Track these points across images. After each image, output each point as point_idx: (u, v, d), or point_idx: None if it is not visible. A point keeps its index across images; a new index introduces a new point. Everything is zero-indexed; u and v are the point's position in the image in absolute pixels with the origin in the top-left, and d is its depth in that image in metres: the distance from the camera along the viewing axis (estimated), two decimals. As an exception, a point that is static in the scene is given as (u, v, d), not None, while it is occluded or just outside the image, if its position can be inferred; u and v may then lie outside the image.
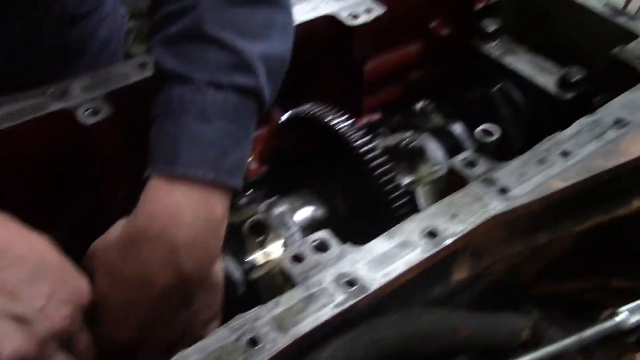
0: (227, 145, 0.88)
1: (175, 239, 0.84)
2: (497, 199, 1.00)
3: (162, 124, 0.88)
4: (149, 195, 0.87)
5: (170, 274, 0.85)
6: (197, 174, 0.85)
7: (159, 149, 0.87)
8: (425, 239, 0.94)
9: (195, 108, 0.87)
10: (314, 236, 0.94)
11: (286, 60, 0.99)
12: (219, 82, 0.88)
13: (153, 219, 0.85)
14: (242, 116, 0.90)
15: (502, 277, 1.13)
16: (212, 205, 0.87)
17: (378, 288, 0.88)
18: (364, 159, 1.11)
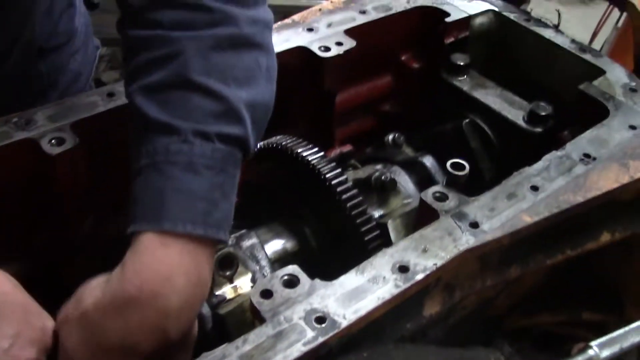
0: (216, 197, 0.83)
1: (167, 305, 0.79)
2: (468, 234, 1.00)
3: (147, 176, 0.83)
4: (139, 254, 0.80)
5: (156, 341, 0.80)
6: (186, 229, 0.80)
7: (145, 203, 0.82)
8: (396, 274, 0.93)
9: (183, 159, 0.82)
10: (283, 271, 0.92)
11: (270, 106, 0.95)
12: (206, 132, 0.83)
13: (144, 282, 0.79)
14: (229, 166, 0.86)
15: (474, 311, 1.12)
16: (201, 265, 0.83)
17: (349, 324, 0.86)
18: (335, 192, 1.10)
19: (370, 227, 1.10)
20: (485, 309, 1.17)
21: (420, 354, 0.98)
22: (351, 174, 1.22)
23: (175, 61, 0.86)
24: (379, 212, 1.19)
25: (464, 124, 1.38)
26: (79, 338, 0.82)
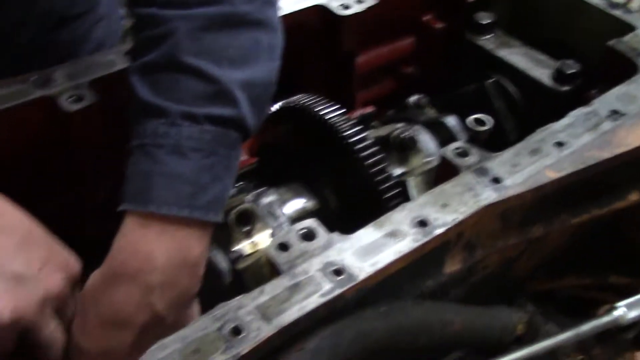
0: (204, 180, 0.83)
1: (149, 280, 0.82)
2: (489, 189, 0.97)
3: (136, 158, 0.84)
4: (123, 234, 0.84)
5: (146, 315, 0.82)
6: (170, 211, 0.81)
7: (132, 185, 0.83)
8: (415, 229, 0.91)
9: (169, 142, 0.82)
10: (300, 224, 0.91)
11: (272, 83, 0.94)
12: (194, 114, 0.83)
13: (126, 260, 0.82)
14: (221, 149, 0.85)
15: (496, 271, 1.10)
16: (188, 246, 0.84)
17: (366, 277, 0.85)
18: (355, 149, 1.09)
19: (390, 185, 1.09)
20: (507, 269, 1.15)
21: (439, 310, 0.97)
22: (372, 133, 1.20)
23: (168, 41, 0.86)
24: (398, 170, 1.17)
25: (488, 83, 1.35)
26: (79, 316, 0.85)
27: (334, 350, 0.83)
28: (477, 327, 1.00)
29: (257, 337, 0.78)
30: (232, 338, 0.78)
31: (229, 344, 0.77)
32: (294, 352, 0.81)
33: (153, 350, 0.76)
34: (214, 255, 1.00)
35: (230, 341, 0.77)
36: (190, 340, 0.77)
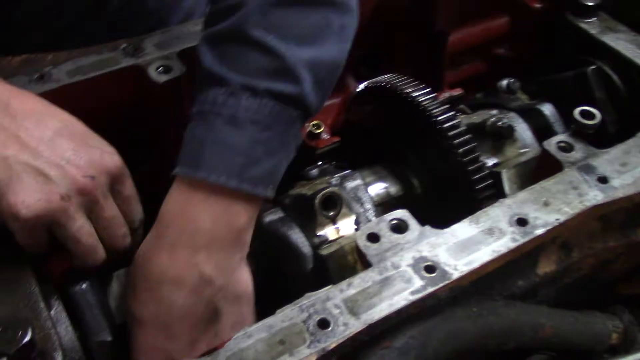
0: (257, 153, 0.83)
1: (193, 241, 0.82)
2: (595, 189, 0.91)
3: (194, 124, 0.85)
4: (171, 197, 0.85)
5: (194, 275, 0.82)
6: (219, 180, 0.81)
7: (187, 150, 0.84)
8: (514, 227, 0.86)
9: (227, 112, 0.83)
10: (391, 215, 0.87)
11: (340, 65, 0.93)
12: (254, 87, 0.83)
13: (172, 222, 0.84)
14: (278, 124, 0.85)
15: (589, 274, 1.03)
16: (233, 213, 0.84)
17: (460, 276, 0.80)
18: (447, 135, 1.03)
19: (483, 176, 1.03)
20: (600, 272, 1.08)
21: (532, 313, 0.91)
22: (464, 119, 1.14)
23: (238, 13, 0.86)
24: (492, 160, 1.10)
25: (589, 71, 1.26)
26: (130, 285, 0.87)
27: (422, 350, 0.79)
28: (569, 333, 0.94)
29: (345, 332, 0.75)
30: (319, 331, 0.75)
31: (315, 337, 0.74)
32: (380, 349, 0.78)
33: (237, 338, 0.75)
34: (297, 238, 0.97)
35: (316, 334, 0.75)
36: (275, 330, 0.75)
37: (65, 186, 0.80)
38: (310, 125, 1.26)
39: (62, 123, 0.84)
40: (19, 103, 0.83)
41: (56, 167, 0.80)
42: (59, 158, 0.81)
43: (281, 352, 0.73)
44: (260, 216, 1.01)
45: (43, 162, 0.79)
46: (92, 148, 0.85)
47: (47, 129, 0.82)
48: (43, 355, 0.77)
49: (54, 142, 0.81)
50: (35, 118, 0.82)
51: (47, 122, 0.83)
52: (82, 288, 0.91)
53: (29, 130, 0.81)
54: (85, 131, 0.86)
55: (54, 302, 0.87)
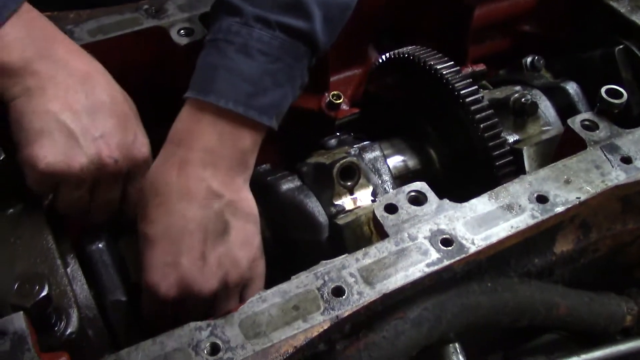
0: (265, 83, 0.87)
1: (200, 157, 0.85)
2: (618, 169, 0.89)
3: (207, 51, 0.89)
4: (181, 118, 0.88)
5: (201, 189, 0.85)
6: (227, 105, 0.85)
7: (199, 75, 0.88)
8: (533, 204, 0.85)
9: (239, 41, 0.87)
10: (410, 187, 0.86)
11: (349, 8, 0.97)
12: (267, 19, 0.87)
13: (181, 140, 0.87)
14: (287, 57, 0.89)
15: (606, 255, 1.02)
16: (239, 136, 0.87)
17: (477, 251, 0.80)
18: (469, 110, 1.02)
19: (504, 152, 1.02)
20: (617, 254, 1.07)
21: (546, 291, 0.91)
22: (486, 94, 1.12)
23: None
24: (514, 137, 1.09)
25: (617, 50, 1.23)
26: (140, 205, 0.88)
27: (436, 322, 0.79)
28: (584, 313, 0.93)
29: (359, 301, 0.75)
30: (333, 299, 0.75)
31: (329, 304, 0.74)
32: (393, 319, 0.78)
33: (252, 302, 0.75)
34: (314, 206, 0.97)
35: (330, 302, 0.75)
36: (290, 295, 0.75)
37: (88, 158, 0.83)
38: (330, 96, 1.25)
39: (109, 98, 0.87)
40: (79, 64, 0.86)
41: (89, 137, 0.83)
42: (95, 129, 0.84)
43: (295, 317, 0.73)
44: (277, 183, 1.00)
45: (79, 127, 0.83)
46: (128, 131, 0.88)
47: (95, 99, 0.85)
48: (58, 310, 0.77)
49: (95, 114, 0.85)
50: (88, 84, 0.86)
51: (97, 91, 0.86)
52: (99, 247, 0.91)
53: (78, 94, 0.84)
54: (127, 113, 0.89)
55: (70, 259, 0.88)
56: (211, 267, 0.85)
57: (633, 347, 0.95)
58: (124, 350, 0.71)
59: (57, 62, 0.84)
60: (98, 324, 0.85)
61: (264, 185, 1.01)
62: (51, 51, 0.85)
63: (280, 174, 1.03)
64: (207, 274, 0.84)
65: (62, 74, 0.84)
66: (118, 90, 0.89)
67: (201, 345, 0.71)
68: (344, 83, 1.31)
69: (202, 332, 0.72)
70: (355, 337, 0.77)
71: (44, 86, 0.82)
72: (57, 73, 0.83)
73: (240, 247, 0.87)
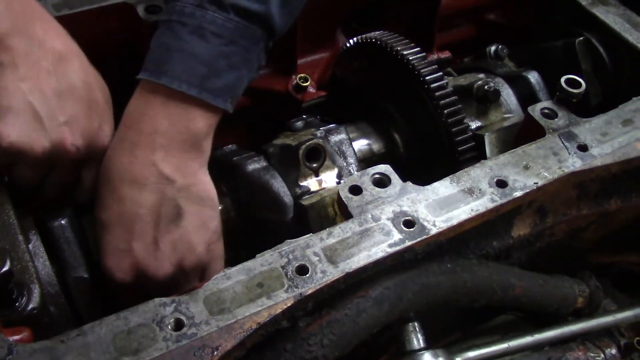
0: (220, 65, 0.86)
1: (151, 141, 0.85)
2: (575, 156, 0.92)
3: (160, 32, 0.87)
4: (133, 101, 0.87)
5: (153, 174, 0.85)
6: (180, 87, 0.84)
7: (152, 56, 0.86)
8: (493, 188, 0.87)
9: (193, 22, 0.85)
10: (375, 169, 0.88)
11: None
12: (221, 1, 0.86)
13: (132, 123, 0.86)
14: (242, 40, 0.87)
15: (561, 240, 1.06)
16: (191, 118, 0.86)
17: (438, 232, 0.82)
18: (434, 95, 1.04)
19: (466, 137, 1.04)
20: (571, 239, 1.11)
21: (503, 272, 0.94)
22: (451, 81, 1.14)
23: None
24: (476, 123, 1.11)
25: (578, 41, 1.27)
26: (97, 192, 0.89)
27: (397, 301, 0.81)
28: (537, 294, 0.97)
29: (322, 279, 0.76)
30: (297, 277, 0.76)
31: (293, 282, 0.76)
32: (356, 297, 0.80)
33: (217, 279, 0.75)
34: (279, 187, 0.98)
35: (294, 280, 0.76)
36: (254, 273, 0.76)
37: (51, 142, 0.83)
38: (297, 78, 1.25)
39: (81, 82, 0.86)
40: (55, 43, 0.85)
41: (54, 121, 0.82)
42: (61, 114, 0.83)
43: (259, 294, 0.74)
44: (243, 164, 1.01)
45: (46, 110, 0.82)
46: (93, 118, 0.87)
47: (66, 82, 0.84)
48: (20, 286, 0.77)
49: (64, 98, 0.84)
50: (62, 66, 0.84)
51: (69, 74, 0.85)
52: (61, 223, 0.91)
53: (50, 76, 0.83)
54: (97, 98, 0.88)
55: (32, 235, 0.87)
56: (164, 251, 0.86)
57: (584, 328, 0.99)
58: (87, 325, 0.71)
59: (33, 39, 0.82)
60: (60, 300, 0.85)
61: (230, 166, 1.01)
62: (28, 27, 0.83)
63: (246, 154, 1.03)
64: (161, 258, 0.85)
65: (36, 52, 0.82)
66: (91, 74, 0.88)
67: (165, 321, 0.71)
68: (312, 66, 1.31)
69: (167, 308, 0.72)
70: (318, 314, 0.79)
71: (17, 63, 0.81)
72: (31, 51, 0.82)
73: (195, 232, 0.87)
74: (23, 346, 0.68)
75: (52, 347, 0.68)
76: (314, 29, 1.26)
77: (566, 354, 0.96)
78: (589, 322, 0.99)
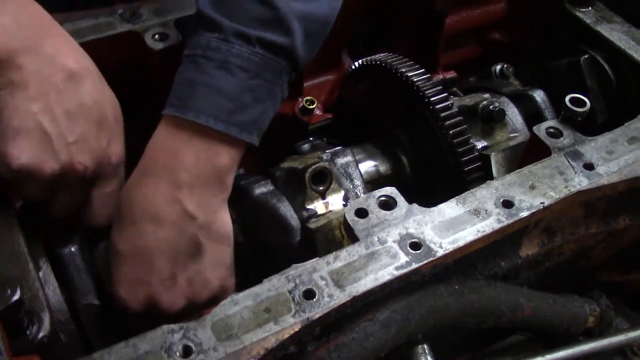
0: (245, 99, 0.86)
1: (176, 177, 0.85)
2: (581, 175, 0.92)
3: (185, 66, 0.87)
4: (157, 135, 0.87)
5: (175, 211, 0.85)
6: (207, 122, 0.83)
7: (177, 91, 0.86)
8: (499, 209, 0.87)
9: (218, 57, 0.85)
10: (380, 192, 0.88)
11: (329, 22, 0.96)
12: (247, 35, 0.86)
13: (156, 158, 0.86)
14: (268, 73, 0.87)
15: (570, 259, 1.06)
16: (216, 154, 0.86)
17: (444, 254, 0.82)
18: (440, 116, 1.04)
19: (472, 158, 1.04)
20: (580, 258, 1.11)
21: (511, 293, 0.93)
22: (456, 101, 1.15)
23: None
24: (482, 143, 1.12)
25: (583, 60, 1.27)
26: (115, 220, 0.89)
27: (404, 324, 0.81)
28: (547, 314, 0.96)
29: (330, 303, 0.76)
30: (304, 301, 0.76)
31: (300, 307, 0.76)
32: (363, 321, 0.80)
33: (225, 304, 0.76)
34: (286, 211, 0.99)
35: (301, 304, 0.76)
36: (262, 298, 0.76)
37: (60, 163, 0.83)
38: (304, 101, 1.26)
39: (91, 101, 0.85)
40: (67, 61, 0.84)
41: (63, 142, 0.83)
42: (70, 134, 0.83)
43: (267, 319, 0.74)
44: (250, 188, 1.02)
45: (55, 131, 0.82)
46: (102, 137, 0.87)
47: (76, 101, 0.84)
48: (30, 314, 0.78)
49: (74, 117, 0.83)
50: (72, 84, 0.84)
51: (80, 92, 0.85)
52: (71, 250, 0.91)
53: (61, 95, 0.83)
54: (107, 117, 0.88)
55: (42, 263, 0.88)
56: (180, 286, 0.86)
57: (595, 347, 0.98)
58: (96, 353, 0.71)
59: (43, 57, 0.82)
60: (70, 328, 0.85)
61: (238, 189, 1.02)
62: (38, 44, 0.82)
63: (253, 178, 1.04)
64: (176, 293, 0.86)
65: (47, 70, 0.82)
66: (102, 92, 0.88)
67: (173, 348, 0.72)
68: (318, 88, 1.33)
69: (175, 335, 0.73)
70: (326, 338, 0.79)
71: (27, 82, 0.81)
72: (41, 69, 0.82)
73: (212, 268, 0.88)
74: (33, 375, 0.68)
75: (62, 375, 0.69)
76: (320, 51, 1.27)
77: (577, 375, 0.95)
78: (600, 341, 0.98)
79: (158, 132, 0.87)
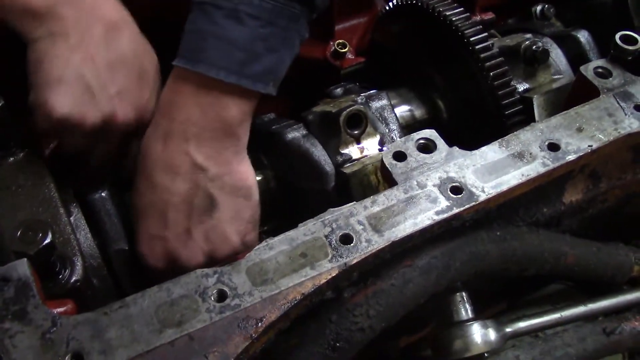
0: (258, 49, 0.82)
1: (184, 130, 0.83)
2: (632, 117, 0.87)
3: (194, 16, 0.83)
4: (167, 88, 0.85)
5: (186, 163, 0.83)
6: (219, 75, 0.80)
7: (187, 42, 0.83)
8: (545, 152, 0.83)
9: (228, 5, 0.81)
10: (419, 134, 0.84)
11: None
12: None
13: (165, 112, 0.84)
14: (281, 20, 0.83)
15: (614, 206, 1.01)
16: (223, 106, 0.83)
17: (487, 199, 0.79)
18: (479, 57, 0.99)
19: (513, 101, 1.00)
20: (625, 205, 1.06)
21: (554, 240, 0.90)
22: (496, 42, 1.09)
23: None
24: (524, 85, 1.07)
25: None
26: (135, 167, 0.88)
27: (444, 271, 0.78)
28: (591, 262, 0.93)
29: (367, 248, 0.74)
30: (341, 246, 0.74)
31: (337, 252, 0.73)
32: (402, 267, 0.78)
33: (259, 249, 0.74)
34: (320, 155, 0.95)
35: (338, 249, 0.74)
36: (297, 243, 0.74)
37: (102, 114, 0.82)
38: (335, 45, 1.22)
39: (131, 52, 0.84)
40: (106, 11, 0.83)
41: (105, 93, 0.82)
42: (112, 86, 0.82)
43: (302, 264, 0.72)
44: (282, 132, 0.98)
45: (97, 82, 0.81)
46: (144, 90, 0.86)
47: (117, 52, 0.83)
48: (62, 259, 0.77)
49: (115, 68, 0.83)
50: (113, 35, 0.83)
51: (120, 43, 0.83)
52: (102, 196, 0.90)
53: (101, 45, 0.82)
54: (147, 68, 0.86)
55: (73, 208, 0.86)
56: (197, 241, 0.85)
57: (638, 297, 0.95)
58: (129, 296, 0.70)
59: (83, 7, 0.81)
60: (102, 272, 0.85)
61: (269, 134, 0.99)
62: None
63: (285, 122, 1.01)
64: (193, 248, 0.85)
65: (87, 20, 0.81)
66: (141, 43, 0.87)
67: (208, 292, 0.70)
68: (350, 31, 1.28)
69: (209, 279, 0.71)
70: (363, 284, 0.77)
71: (68, 32, 0.79)
72: (82, 19, 0.80)
73: (229, 222, 0.86)
74: (67, 318, 0.67)
75: (96, 319, 0.68)
76: (351, -8, 1.22)
77: (622, 324, 0.92)
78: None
79: (168, 85, 0.85)
